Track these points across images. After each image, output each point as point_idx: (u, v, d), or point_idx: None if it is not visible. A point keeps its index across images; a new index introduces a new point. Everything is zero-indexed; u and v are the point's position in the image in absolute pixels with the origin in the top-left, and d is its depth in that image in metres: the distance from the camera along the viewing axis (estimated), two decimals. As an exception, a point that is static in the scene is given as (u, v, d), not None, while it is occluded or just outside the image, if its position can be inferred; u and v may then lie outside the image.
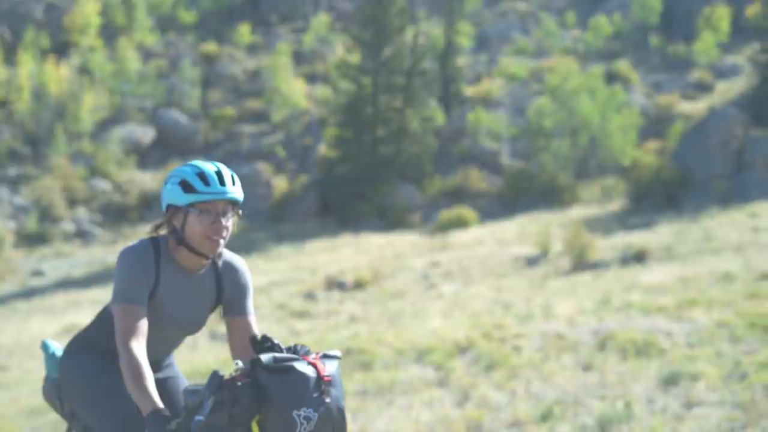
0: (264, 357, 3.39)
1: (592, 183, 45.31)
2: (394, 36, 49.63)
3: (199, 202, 3.81)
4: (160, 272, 3.92)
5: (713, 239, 28.00)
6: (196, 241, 3.85)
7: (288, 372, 3.39)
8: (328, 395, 3.43)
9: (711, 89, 57.56)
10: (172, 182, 3.88)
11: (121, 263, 3.86)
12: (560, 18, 72.37)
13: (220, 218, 3.84)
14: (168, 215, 3.93)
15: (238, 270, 4.11)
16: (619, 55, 64.24)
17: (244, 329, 4.03)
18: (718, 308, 13.57)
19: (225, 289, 4.08)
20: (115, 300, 3.82)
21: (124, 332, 3.71)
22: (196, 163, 3.92)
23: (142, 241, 3.95)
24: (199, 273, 4.02)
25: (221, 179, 3.85)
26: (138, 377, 3.59)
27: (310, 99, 55.58)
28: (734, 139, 41.56)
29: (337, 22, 68.24)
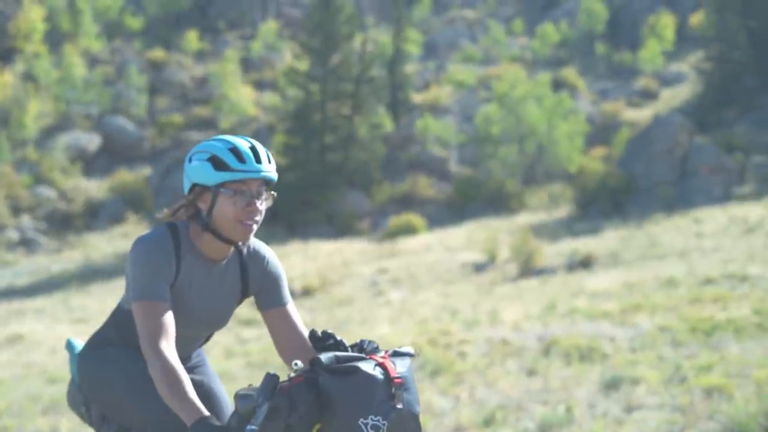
0: (324, 356, 2.99)
1: (540, 189, 45.62)
2: (343, 43, 49.64)
3: (232, 182, 3.39)
4: (180, 262, 3.50)
5: (658, 245, 28.32)
6: (227, 226, 3.43)
7: (352, 374, 2.97)
8: (400, 400, 2.99)
9: (656, 97, 58.31)
10: (198, 158, 3.46)
11: (139, 254, 3.41)
12: (508, 26, 72.89)
13: (255, 200, 3.43)
14: (192, 196, 3.50)
15: (266, 257, 3.70)
16: (566, 63, 64.84)
17: (284, 321, 3.62)
18: (661, 313, 13.72)
19: (252, 280, 3.67)
20: (134, 297, 3.37)
21: (150, 334, 3.28)
22: (226, 137, 3.51)
23: (159, 227, 3.53)
24: (222, 263, 3.61)
25: (257, 156, 3.44)
26: (175, 383, 3.16)
27: (258, 106, 55.39)
28: (679, 146, 42.07)
29: (285, 29, 68.10)
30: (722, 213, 33.57)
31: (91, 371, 3.69)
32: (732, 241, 27.81)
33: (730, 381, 8.15)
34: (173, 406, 3.14)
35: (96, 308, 25.77)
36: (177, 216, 3.58)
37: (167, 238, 3.47)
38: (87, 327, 21.44)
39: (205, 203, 3.45)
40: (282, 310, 3.64)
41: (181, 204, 3.57)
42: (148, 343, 3.27)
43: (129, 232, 42.20)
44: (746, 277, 17.77)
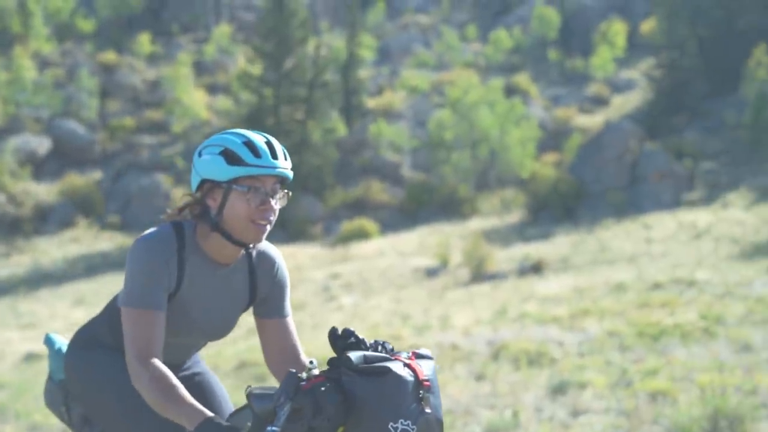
0: (354, 355, 2.78)
1: (492, 195, 45.82)
2: (296, 47, 49.58)
3: (246, 177, 3.11)
4: (183, 265, 3.22)
5: (608, 250, 28.57)
6: (238, 226, 3.14)
7: (383, 375, 2.77)
8: (428, 404, 2.80)
9: (607, 103, 58.84)
10: (209, 152, 3.18)
11: (137, 256, 3.14)
12: (461, 31, 73.18)
13: (270, 198, 3.15)
14: (200, 193, 3.22)
15: (276, 262, 3.42)
16: (519, 69, 65.22)
17: (283, 333, 3.39)
18: (609, 318, 13.84)
19: (260, 286, 3.40)
20: (127, 302, 3.11)
21: (137, 344, 3.05)
22: (240, 131, 3.23)
23: (163, 227, 3.25)
24: (229, 266, 3.33)
25: (272, 151, 3.15)
26: (168, 389, 2.94)
27: (211, 110, 55.14)
28: (629, 152, 42.48)
29: (238, 33, 67.88)
30: (671, 219, 33.94)
31: (80, 372, 3.43)
32: (681, 247, 28.15)
33: (674, 385, 8.24)
34: (170, 414, 2.91)
35: (45, 314, 25.50)
36: (182, 215, 3.31)
37: (170, 239, 3.20)
38: (35, 332, 21.21)
39: (215, 201, 3.17)
40: (283, 321, 3.41)
41: (188, 201, 3.30)
42: (133, 353, 3.04)
43: (79, 236, 41.80)
44: (694, 282, 17.99)
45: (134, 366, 3.02)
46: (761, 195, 37.59)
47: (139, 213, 44.60)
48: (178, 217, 3.30)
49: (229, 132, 3.23)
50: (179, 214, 3.31)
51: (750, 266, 21.32)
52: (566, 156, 46.94)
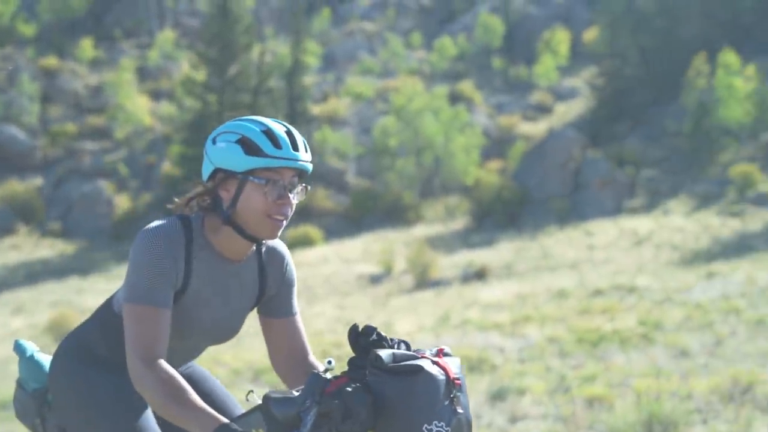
0: (384, 354, 2.58)
1: (436, 202, 45.99)
2: (241, 53, 49.38)
3: (263, 169, 2.88)
4: (191, 262, 2.97)
5: (551, 257, 28.79)
6: (253, 220, 2.90)
7: (415, 374, 2.57)
8: (459, 404, 2.62)
9: (551, 111, 59.33)
10: (225, 139, 2.93)
11: (142, 248, 2.87)
12: (406, 39, 73.37)
13: (288, 193, 2.92)
14: (212, 184, 2.97)
15: (285, 258, 3.20)
16: (463, 77, 65.52)
17: (290, 333, 3.16)
18: (550, 324, 13.93)
19: (269, 284, 3.17)
20: (130, 297, 2.86)
21: (142, 343, 2.80)
22: (257, 118, 2.99)
23: (170, 219, 2.97)
24: (239, 263, 3.08)
25: (293, 142, 2.92)
26: (176, 393, 2.70)
27: (154, 116, 54.72)
28: (572, 159, 42.87)
29: (182, 39, 67.44)
30: (613, 225, 34.29)
31: (68, 388, 3.12)
32: (622, 253, 28.46)
33: (611, 391, 8.31)
34: (180, 420, 2.69)
35: (-17, 321, 25.11)
36: (190, 207, 3.03)
37: (178, 232, 2.94)
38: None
39: (229, 192, 2.92)
40: (291, 320, 3.18)
41: (198, 192, 3.02)
42: (137, 353, 2.78)
43: (19, 243, 41.21)
44: (634, 289, 18.19)
45: (138, 367, 2.77)
46: (701, 202, 38.14)
47: (80, 220, 44.12)
48: (185, 209, 3.03)
49: (246, 119, 3.00)
50: (187, 204, 3.03)
51: (689, 272, 21.61)
52: (510, 163, 47.24)
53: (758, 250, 26.47)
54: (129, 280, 2.87)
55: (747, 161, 41.72)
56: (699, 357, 10.07)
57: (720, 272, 20.01)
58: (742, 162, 41.48)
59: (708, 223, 33.19)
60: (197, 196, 3.00)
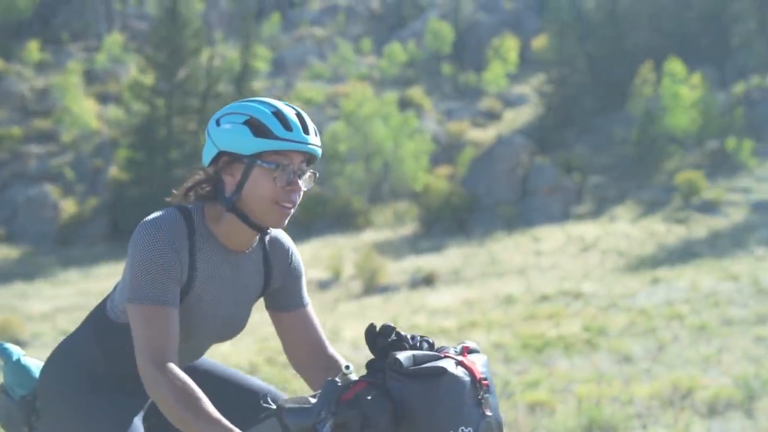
0: (403, 356, 2.37)
1: (385, 207, 46.05)
2: (189, 58, 49.09)
3: (273, 153, 2.69)
4: (195, 255, 2.78)
5: (498, 263, 28.93)
6: (260, 207, 2.71)
7: (438, 377, 2.37)
8: (488, 406, 2.42)
9: (499, 117, 59.67)
10: (231, 120, 2.74)
11: (142, 243, 2.68)
12: (356, 45, 73.45)
13: (297, 178, 2.75)
14: (215, 168, 2.78)
15: (290, 249, 3.02)
16: (413, 83, 65.71)
17: (304, 324, 2.98)
18: (497, 330, 13.99)
19: (274, 276, 2.99)
20: (135, 298, 2.66)
21: (152, 346, 2.61)
22: (265, 99, 2.80)
23: (168, 211, 2.77)
24: (244, 254, 2.89)
25: (304, 125, 2.75)
26: (191, 403, 2.52)
27: (102, 119, 54.22)
28: (520, 166, 43.14)
29: (131, 42, 66.95)
30: (560, 232, 34.55)
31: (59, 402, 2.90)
32: (569, 259, 28.68)
33: (554, 396, 8.36)
34: (192, 430, 2.52)
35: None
36: (187, 197, 2.84)
37: (179, 224, 2.74)
38: None
39: (234, 177, 2.73)
40: (303, 311, 3.00)
41: (198, 179, 2.83)
42: (148, 356, 2.60)
43: (-38, 248, 40.62)
44: (580, 295, 18.33)
45: (150, 371, 2.59)
46: (647, 209, 38.56)
47: (26, 224, 43.58)
48: (183, 199, 2.83)
49: (253, 100, 2.80)
50: (187, 193, 2.83)
51: (634, 278, 21.83)
52: (459, 169, 47.42)
53: (702, 257, 26.81)
54: (131, 278, 2.68)
55: (692, 168, 42.26)
56: (641, 362, 10.17)
57: (664, 278, 20.23)
58: (687, 169, 42.01)
59: (653, 230, 33.57)
60: (198, 184, 2.82)
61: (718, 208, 36.85)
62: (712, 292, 16.47)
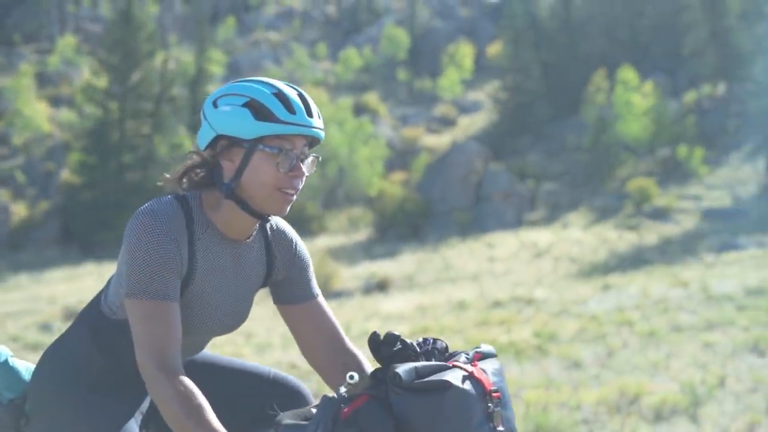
0: (402, 370, 2.17)
1: (340, 213, 46.04)
2: (143, 61, 48.74)
3: (274, 137, 2.53)
4: (195, 245, 2.61)
5: (452, 268, 29.00)
6: (260, 194, 2.56)
7: (442, 391, 2.17)
8: (499, 420, 2.24)
9: (454, 124, 59.92)
10: (229, 102, 2.58)
11: (139, 233, 2.50)
12: (312, 50, 73.42)
13: (300, 163, 2.59)
14: (211, 153, 2.63)
15: (293, 239, 2.87)
16: (368, 88, 65.82)
17: (317, 317, 2.82)
18: (448, 336, 14.01)
19: (277, 266, 2.84)
20: (133, 292, 2.49)
21: (154, 344, 2.45)
22: (264, 79, 2.65)
23: (165, 199, 2.61)
24: (245, 243, 2.75)
25: (307, 107, 2.60)
26: (192, 410, 2.36)
27: (54, 122, 53.69)
28: (474, 172, 43.30)
29: (84, 45, 66.37)
30: (514, 238, 34.72)
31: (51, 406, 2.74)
32: (522, 265, 28.82)
33: (504, 402, 8.37)
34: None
35: None
36: (181, 183, 2.69)
37: (177, 213, 2.57)
38: None
39: (233, 162, 2.57)
40: (313, 303, 2.84)
41: (193, 163, 2.67)
42: (149, 355, 2.44)
43: None
44: (532, 301, 18.40)
45: (151, 371, 2.43)
46: (599, 216, 38.88)
47: (-25, 228, 43.06)
48: (177, 185, 2.69)
49: (252, 80, 2.64)
50: (181, 179, 2.68)
51: (586, 285, 21.97)
52: (413, 175, 47.53)
53: (653, 263, 27.06)
54: (129, 272, 2.51)
55: (644, 176, 42.70)
56: (591, 368, 10.24)
57: (615, 285, 20.38)
58: (639, 176, 42.44)
59: (605, 237, 33.84)
60: (191, 170, 2.67)
61: (669, 215, 37.25)
62: (662, 299, 16.61)
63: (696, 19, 55.78)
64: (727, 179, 42.64)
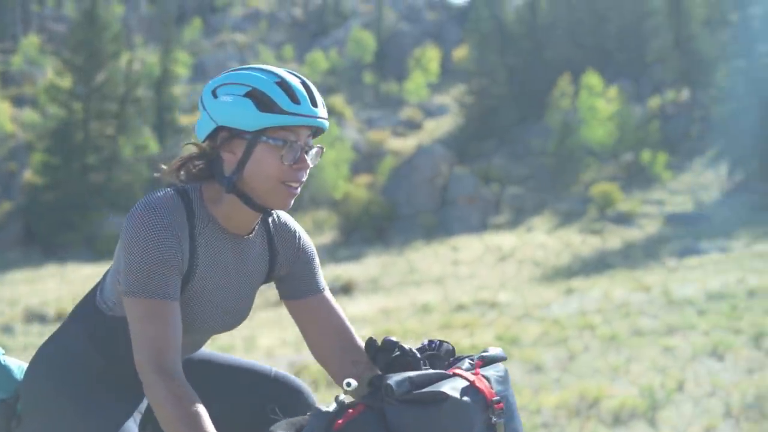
0: (394, 381, 2.01)
1: (305, 215, 45.95)
2: (108, 61, 48.43)
3: (278, 128, 2.43)
4: (196, 239, 2.49)
5: (417, 271, 29.04)
6: (263, 188, 2.46)
7: (438, 403, 1.99)
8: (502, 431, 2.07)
9: (420, 127, 59.99)
10: (230, 92, 2.48)
11: (139, 228, 2.39)
12: (278, 52, 73.25)
13: (305, 155, 2.48)
14: (210, 145, 2.53)
15: (297, 232, 2.76)
16: (334, 91, 65.75)
17: (324, 312, 2.68)
18: (412, 338, 14.03)
19: (280, 261, 2.71)
20: (132, 290, 2.38)
21: (154, 345, 2.34)
22: (266, 66, 2.53)
23: (166, 192, 2.50)
24: (247, 238, 2.63)
25: (311, 96, 2.49)
26: (192, 418, 2.25)
27: (17, 122, 53.21)
28: (440, 175, 43.41)
29: (48, 44, 65.86)
30: (479, 241, 34.83)
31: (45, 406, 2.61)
32: (486, 269, 28.92)
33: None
34: None
35: None
36: (178, 175, 2.59)
37: (177, 206, 2.46)
38: None
39: (234, 155, 2.46)
40: (320, 297, 2.70)
41: (191, 154, 2.58)
42: (147, 358, 2.33)
43: None
44: (495, 304, 18.48)
45: (149, 373, 2.32)
46: (563, 220, 39.09)
47: (-65, 228, 42.62)
48: (175, 177, 2.58)
49: (252, 68, 2.53)
50: (178, 171, 2.58)
51: (550, 288, 22.08)
52: (379, 178, 47.54)
53: (616, 267, 27.25)
54: (128, 269, 2.39)
55: (608, 180, 42.98)
56: (552, 372, 10.30)
57: (578, 288, 20.52)
58: (603, 181, 42.72)
59: (569, 241, 34.04)
60: (190, 161, 2.57)
61: (633, 220, 37.53)
62: (623, 303, 16.74)
63: (660, 26, 56.26)
64: (690, 184, 43.01)
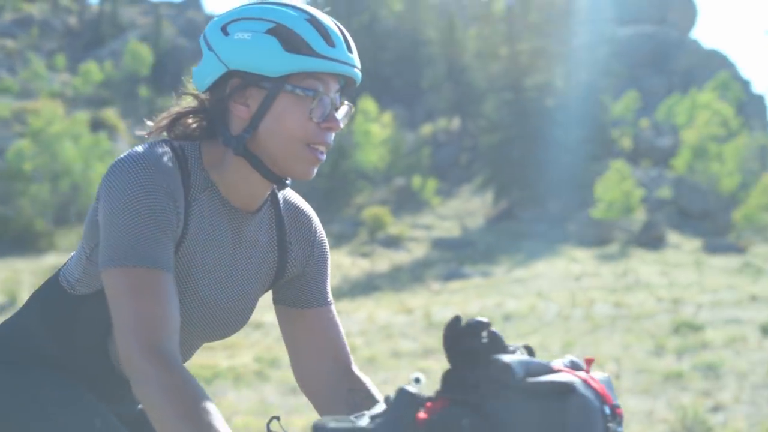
0: (514, 362, 1.45)
1: (71, 231, 44.50)
2: None
3: (305, 75, 1.90)
4: (191, 206, 1.95)
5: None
6: (283, 150, 1.93)
7: (564, 397, 1.47)
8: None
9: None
10: (248, 28, 1.92)
11: (124, 184, 1.83)
12: (49, 60, 70.85)
13: (334, 111, 1.97)
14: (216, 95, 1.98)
15: (311, 220, 2.21)
16: (108, 104, 64.16)
17: (325, 331, 2.15)
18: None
19: (292, 254, 2.16)
20: (113, 259, 1.80)
21: (139, 325, 1.74)
22: (292, 2, 1.97)
23: (157, 144, 1.93)
24: (253, 215, 2.07)
25: (347, 41, 1.96)
26: (199, 415, 1.63)
27: None
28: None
29: None
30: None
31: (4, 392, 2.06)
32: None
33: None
34: None
35: None
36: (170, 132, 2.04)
37: (172, 161, 1.91)
38: None
39: (248, 107, 1.93)
40: (324, 310, 2.16)
41: (187, 108, 2.05)
42: (137, 338, 1.73)
43: None
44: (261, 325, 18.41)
45: (137, 360, 1.72)
46: (335, 242, 39.48)
47: None
48: (170, 134, 2.04)
49: (272, 1, 1.97)
50: (170, 127, 2.04)
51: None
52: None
53: (383, 290, 27.73)
54: (108, 234, 1.82)
55: (379, 204, 43.77)
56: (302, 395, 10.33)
57: (344, 310, 20.73)
58: (374, 205, 43.46)
59: (339, 262, 34.37)
60: (185, 115, 2.04)
61: (401, 243, 38.33)
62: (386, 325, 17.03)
63: (434, 54, 57.94)
64: (458, 210, 44.40)
